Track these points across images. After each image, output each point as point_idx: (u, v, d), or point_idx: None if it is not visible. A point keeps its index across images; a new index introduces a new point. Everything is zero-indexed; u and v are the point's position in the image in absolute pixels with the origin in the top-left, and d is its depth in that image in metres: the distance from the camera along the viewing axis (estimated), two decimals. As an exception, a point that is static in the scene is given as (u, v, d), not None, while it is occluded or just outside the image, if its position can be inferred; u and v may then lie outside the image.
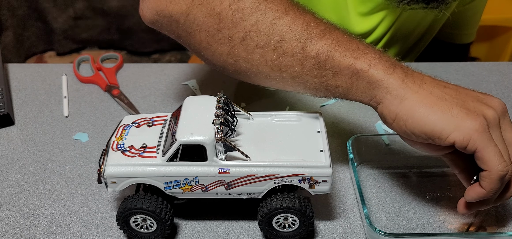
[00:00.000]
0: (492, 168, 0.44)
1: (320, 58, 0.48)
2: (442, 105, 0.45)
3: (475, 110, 0.45)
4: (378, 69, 0.46)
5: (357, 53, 0.47)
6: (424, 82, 0.47)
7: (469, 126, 0.44)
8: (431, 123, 0.45)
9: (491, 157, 0.44)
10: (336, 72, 0.48)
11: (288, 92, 0.75)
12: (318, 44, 0.48)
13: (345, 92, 0.49)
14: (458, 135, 0.44)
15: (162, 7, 0.54)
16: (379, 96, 0.47)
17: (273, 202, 0.50)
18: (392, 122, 0.47)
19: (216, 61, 0.54)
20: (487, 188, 0.46)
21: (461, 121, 0.44)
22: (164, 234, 0.52)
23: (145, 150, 0.51)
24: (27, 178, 0.61)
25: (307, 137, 0.53)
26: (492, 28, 1.45)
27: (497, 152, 0.44)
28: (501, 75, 0.80)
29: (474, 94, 0.47)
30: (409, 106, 0.46)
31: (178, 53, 2.15)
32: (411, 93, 0.46)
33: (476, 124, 0.44)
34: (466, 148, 0.44)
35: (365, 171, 0.62)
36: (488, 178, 0.45)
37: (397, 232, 0.54)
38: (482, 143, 0.44)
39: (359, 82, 0.47)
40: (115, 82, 0.77)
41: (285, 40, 0.49)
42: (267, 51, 0.50)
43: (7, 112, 0.69)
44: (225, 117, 0.50)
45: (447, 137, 0.44)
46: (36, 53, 2.12)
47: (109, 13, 2.02)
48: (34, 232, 0.54)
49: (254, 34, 0.50)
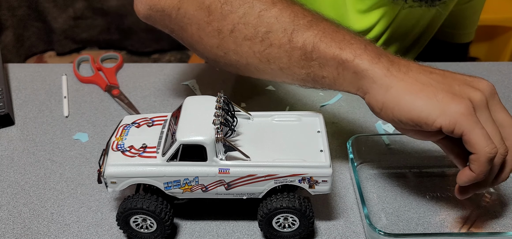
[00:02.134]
0: (480, 150, 0.44)
1: (306, 49, 0.48)
2: (427, 91, 0.45)
3: (461, 94, 0.45)
4: (363, 59, 0.47)
5: (342, 43, 0.48)
6: (410, 70, 0.47)
7: (454, 109, 0.44)
8: (417, 109, 0.45)
9: (478, 139, 0.44)
10: (322, 63, 0.48)
11: (288, 92, 0.75)
12: (305, 35, 0.49)
13: (332, 83, 0.49)
14: (444, 119, 0.44)
15: (155, 2, 0.56)
16: (366, 86, 0.47)
17: (273, 202, 0.50)
18: (380, 111, 0.47)
19: (207, 54, 0.55)
20: (476, 170, 0.45)
21: (446, 105, 0.44)
22: (164, 234, 0.52)
23: (145, 150, 0.51)
24: (27, 178, 0.61)
25: (307, 137, 0.53)
26: (492, 28, 1.45)
27: (484, 134, 0.44)
28: (501, 75, 0.80)
29: (461, 78, 0.47)
30: (395, 95, 0.46)
31: (178, 53, 2.15)
32: (396, 82, 0.46)
33: (462, 107, 0.44)
34: (453, 132, 0.44)
35: (365, 171, 0.62)
36: (477, 160, 0.45)
37: (397, 232, 0.54)
38: (468, 126, 0.44)
39: (345, 72, 0.48)
40: (115, 82, 0.77)
41: (272, 31, 0.50)
42: (255, 43, 0.51)
43: (7, 112, 0.69)
44: (225, 117, 0.50)
45: (433, 122, 0.44)
46: (36, 53, 2.12)
47: (108, 13, 2.02)
48: (34, 232, 0.54)
49: (242, 26, 0.51)
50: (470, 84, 0.47)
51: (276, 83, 0.77)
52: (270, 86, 0.76)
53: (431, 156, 0.62)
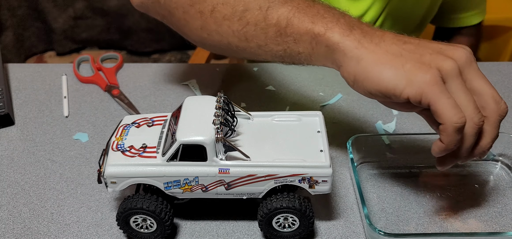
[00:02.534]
0: (446, 120, 0.43)
1: (281, 25, 0.49)
2: (396, 62, 0.44)
3: (430, 63, 0.44)
4: (334, 32, 0.46)
5: (315, 17, 0.48)
6: (383, 41, 0.46)
7: (420, 79, 0.43)
8: (385, 80, 0.44)
9: (444, 109, 0.43)
10: (296, 39, 0.48)
11: (288, 92, 0.75)
12: (279, 11, 0.49)
13: (308, 58, 0.49)
14: (411, 90, 0.43)
15: None
16: (338, 60, 0.47)
17: (273, 202, 0.50)
18: (353, 84, 0.47)
19: (194, 37, 0.57)
20: (445, 141, 0.45)
21: (412, 75, 0.43)
22: (164, 234, 0.52)
23: (145, 150, 0.51)
24: (27, 178, 0.61)
25: (307, 137, 0.53)
26: (492, 28, 1.45)
27: (450, 103, 0.43)
28: (501, 75, 0.80)
29: (435, 47, 0.46)
30: (364, 66, 0.45)
31: (178, 53, 2.15)
32: (367, 53, 0.45)
33: (427, 76, 0.43)
34: (421, 102, 0.44)
35: (365, 171, 0.61)
36: (444, 130, 0.44)
37: (397, 232, 0.54)
38: (434, 96, 0.43)
39: (318, 47, 0.48)
40: (115, 82, 0.77)
41: (249, 9, 0.51)
42: (233, 22, 0.52)
43: (7, 112, 0.69)
44: (225, 117, 0.50)
45: (401, 92, 0.44)
46: (36, 53, 2.12)
47: (108, 13, 2.02)
48: (34, 232, 0.54)
49: (221, 6, 0.52)
50: (443, 52, 0.45)
51: (276, 83, 0.77)
52: (270, 86, 0.76)
53: (431, 156, 0.62)
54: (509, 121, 0.70)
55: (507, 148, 0.61)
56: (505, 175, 0.61)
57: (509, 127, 0.69)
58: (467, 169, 0.61)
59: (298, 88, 0.76)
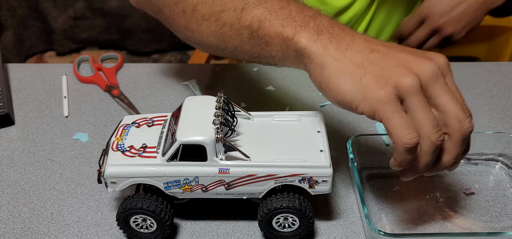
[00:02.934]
0: (396, 140, 0.43)
1: (253, 27, 0.48)
2: (356, 73, 0.43)
3: (389, 78, 0.43)
4: (301, 36, 0.46)
5: (286, 20, 0.47)
6: (350, 48, 0.45)
7: (374, 96, 0.42)
8: (342, 93, 0.44)
9: (394, 128, 0.42)
10: (268, 42, 0.48)
11: (288, 92, 0.75)
12: (252, 13, 0.48)
13: (282, 61, 0.49)
14: (365, 106, 0.43)
15: None
16: (306, 65, 0.46)
17: (273, 202, 0.50)
18: (319, 90, 0.46)
19: (180, 35, 0.58)
20: (397, 159, 0.44)
21: (367, 91, 0.42)
22: (164, 234, 0.52)
23: (145, 150, 0.51)
24: (27, 178, 0.61)
25: (307, 137, 0.53)
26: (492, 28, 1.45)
27: (402, 124, 0.42)
28: (501, 75, 0.80)
29: (402, 58, 0.44)
30: (327, 75, 0.44)
31: (178, 53, 2.15)
32: (330, 61, 0.44)
33: (381, 93, 0.42)
34: (375, 119, 0.43)
35: (365, 171, 0.61)
36: (395, 149, 0.44)
37: (397, 232, 0.54)
38: (385, 115, 0.42)
39: (288, 50, 0.47)
40: (115, 82, 0.77)
41: (225, 10, 0.50)
42: (211, 22, 0.52)
43: (7, 112, 0.69)
44: (225, 117, 0.50)
45: (357, 107, 0.43)
46: (36, 53, 2.12)
47: (108, 13, 2.02)
48: (34, 232, 0.54)
49: (201, 6, 0.52)
50: (407, 65, 0.44)
51: (276, 83, 0.77)
52: (270, 86, 0.76)
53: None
54: (509, 120, 0.70)
55: (507, 148, 0.61)
56: (505, 175, 0.61)
57: (509, 126, 0.69)
58: (467, 169, 0.61)
59: (298, 88, 0.76)
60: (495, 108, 0.72)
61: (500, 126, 0.69)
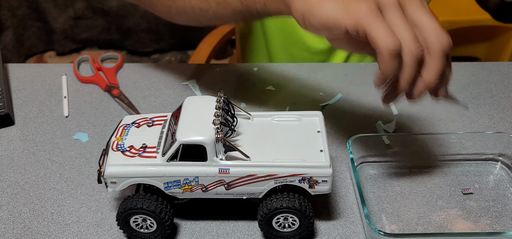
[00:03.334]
0: (380, 45, 0.43)
1: None
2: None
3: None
4: None
5: None
6: None
7: (356, 8, 0.44)
8: (326, 14, 0.45)
9: (378, 33, 0.43)
10: None
11: (288, 92, 0.75)
12: None
13: (264, 7, 0.52)
14: (349, 20, 0.44)
15: None
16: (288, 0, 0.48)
17: (273, 202, 0.50)
18: (302, 24, 0.48)
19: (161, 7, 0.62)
20: (381, 67, 0.45)
21: (350, 6, 0.44)
22: (164, 234, 0.52)
23: (145, 150, 0.51)
24: (27, 178, 0.61)
25: (307, 137, 0.53)
26: (492, 28, 1.45)
27: (385, 28, 0.43)
28: (501, 75, 0.80)
29: None
30: (310, 3, 0.46)
31: (178, 53, 2.15)
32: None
33: (363, 5, 0.44)
34: (359, 32, 0.44)
35: (365, 171, 0.62)
36: (379, 56, 0.44)
37: (397, 232, 0.54)
38: (368, 24, 0.43)
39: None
40: (115, 82, 0.77)
41: None
42: None
43: (7, 112, 0.69)
44: (225, 117, 0.50)
45: (340, 24, 0.45)
46: (36, 53, 2.12)
47: (109, 13, 2.02)
48: (34, 232, 0.54)
49: None
50: None
51: (276, 83, 0.77)
52: (270, 86, 0.76)
53: (431, 156, 0.62)
54: (509, 120, 0.70)
55: (507, 148, 0.61)
56: (505, 175, 0.61)
57: (509, 126, 0.69)
58: (467, 169, 0.61)
59: (298, 88, 0.76)
60: (495, 108, 0.72)
61: (500, 126, 0.69)
